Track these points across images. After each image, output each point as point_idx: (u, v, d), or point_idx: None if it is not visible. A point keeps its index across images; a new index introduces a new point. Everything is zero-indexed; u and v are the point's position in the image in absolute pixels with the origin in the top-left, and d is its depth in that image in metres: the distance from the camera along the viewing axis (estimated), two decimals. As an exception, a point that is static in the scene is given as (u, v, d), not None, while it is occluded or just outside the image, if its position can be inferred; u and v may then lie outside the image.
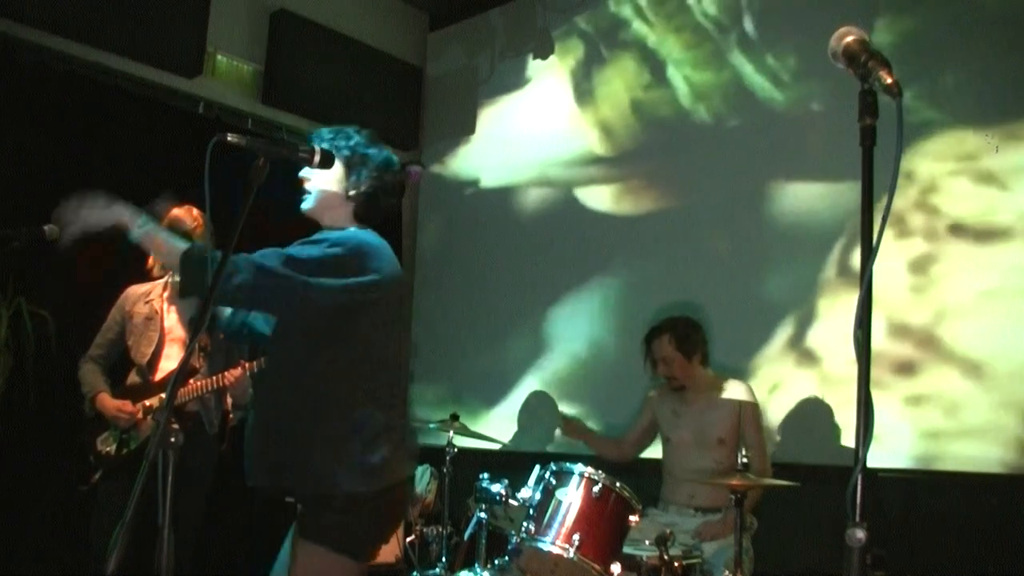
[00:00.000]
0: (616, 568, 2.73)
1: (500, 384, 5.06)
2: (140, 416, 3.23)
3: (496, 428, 4.73)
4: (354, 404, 2.05)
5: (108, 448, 3.24)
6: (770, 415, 3.92)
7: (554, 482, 2.82)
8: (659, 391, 3.69)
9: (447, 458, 3.99)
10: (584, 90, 5.05)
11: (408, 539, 4.23)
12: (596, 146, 4.94)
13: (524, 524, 2.81)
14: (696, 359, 3.51)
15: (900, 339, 3.64)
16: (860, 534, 1.20)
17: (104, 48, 4.27)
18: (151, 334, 3.31)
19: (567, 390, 4.79)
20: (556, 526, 2.73)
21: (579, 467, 2.83)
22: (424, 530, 4.25)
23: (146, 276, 3.42)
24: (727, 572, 2.95)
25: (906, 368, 3.60)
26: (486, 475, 3.06)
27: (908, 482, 3.53)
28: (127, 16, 4.25)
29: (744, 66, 4.41)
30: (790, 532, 3.49)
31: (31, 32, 4.05)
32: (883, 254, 3.71)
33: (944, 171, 3.61)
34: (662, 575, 2.83)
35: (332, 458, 2.01)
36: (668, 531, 2.87)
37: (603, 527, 2.74)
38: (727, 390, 3.51)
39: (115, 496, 3.10)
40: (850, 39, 1.37)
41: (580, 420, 4.05)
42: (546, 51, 5.28)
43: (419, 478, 4.73)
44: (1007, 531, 3.23)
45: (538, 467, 2.94)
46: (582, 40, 5.12)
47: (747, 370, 4.00)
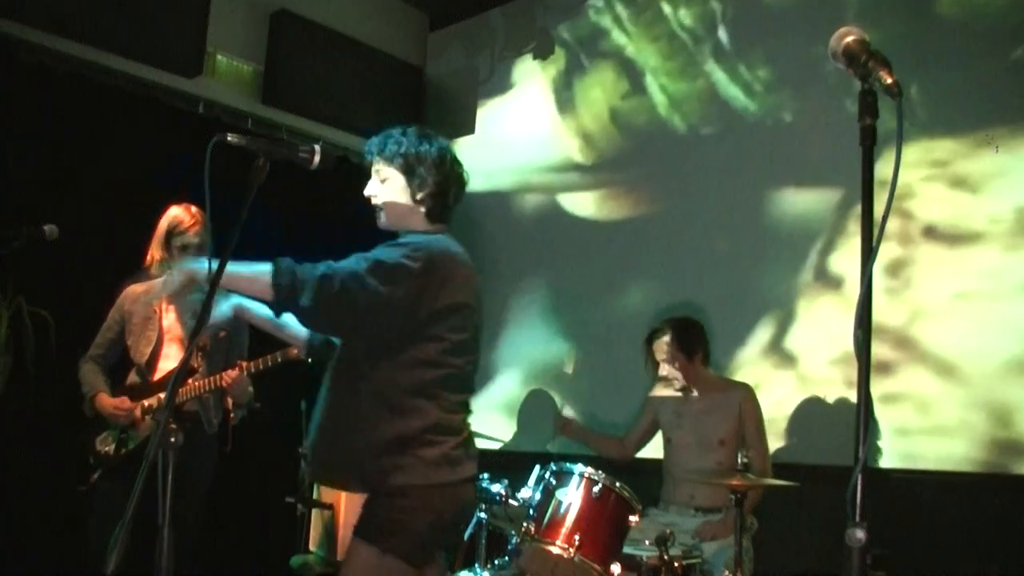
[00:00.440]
0: (616, 568, 2.73)
1: (499, 383, 5.06)
2: (138, 413, 3.23)
3: (496, 428, 4.73)
4: (417, 405, 2.03)
5: (107, 448, 3.24)
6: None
7: (554, 482, 2.82)
8: (660, 390, 3.69)
9: (447, 458, 3.99)
10: (565, 98, 5.15)
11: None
12: (576, 153, 5.04)
13: (524, 524, 2.80)
14: (698, 359, 3.51)
15: (876, 340, 3.61)
16: (860, 534, 1.20)
17: (104, 48, 4.27)
18: (150, 333, 3.31)
19: (564, 390, 4.80)
20: (556, 526, 2.73)
21: (579, 467, 2.83)
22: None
23: (145, 275, 3.42)
24: (727, 572, 2.95)
25: (881, 368, 3.64)
26: (486, 475, 3.05)
27: (908, 482, 3.54)
28: (127, 16, 4.25)
29: (718, 75, 4.50)
30: (790, 532, 3.49)
31: (31, 32, 4.05)
32: (857, 257, 3.72)
33: (918, 177, 3.66)
34: (662, 575, 2.83)
35: (393, 454, 1.99)
36: (668, 531, 2.87)
37: (603, 527, 2.74)
38: (728, 391, 3.50)
39: (114, 496, 3.09)
40: (850, 39, 1.37)
41: (576, 421, 4.05)
42: (546, 51, 5.29)
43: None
44: (1007, 531, 3.23)
45: (538, 467, 2.94)
46: (563, 49, 5.23)
47: (727, 372, 4.03)
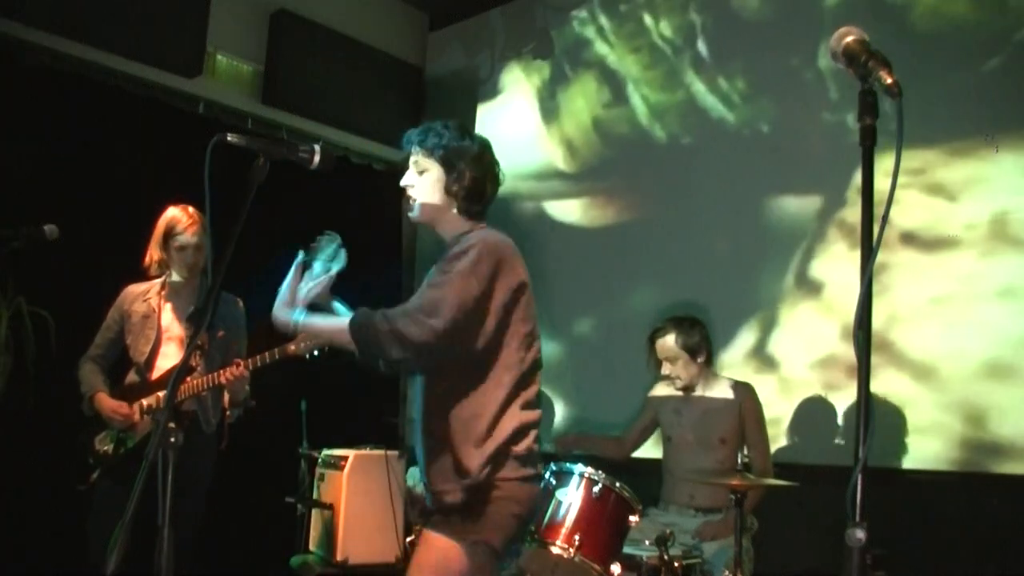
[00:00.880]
0: (616, 568, 2.73)
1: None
2: (136, 417, 3.23)
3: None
4: (509, 406, 2.10)
5: (106, 447, 3.24)
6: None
7: (554, 482, 2.82)
8: (661, 390, 3.69)
9: (447, 458, 3.99)
10: (549, 107, 5.23)
11: (408, 539, 4.23)
12: (560, 161, 5.11)
13: (524, 524, 2.80)
14: (700, 358, 3.51)
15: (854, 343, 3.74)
16: (860, 534, 1.20)
17: (104, 48, 4.27)
18: (148, 333, 3.31)
19: (562, 391, 4.81)
20: (556, 526, 2.73)
21: (579, 467, 2.83)
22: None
23: (144, 275, 3.42)
24: (727, 572, 2.95)
25: None
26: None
27: (908, 482, 3.54)
28: (127, 16, 4.25)
29: (697, 86, 4.59)
30: (790, 532, 3.48)
31: (31, 32, 4.05)
32: (839, 263, 3.86)
33: (895, 187, 3.67)
34: (662, 575, 2.83)
35: (481, 446, 2.06)
36: (668, 531, 2.87)
37: (603, 527, 2.74)
38: (729, 390, 3.50)
39: (112, 495, 3.10)
40: (850, 39, 1.37)
41: (572, 434, 4.05)
42: (546, 51, 5.29)
43: (419, 478, 4.73)
44: (1006, 531, 3.23)
45: (538, 467, 2.94)
46: (548, 61, 5.32)
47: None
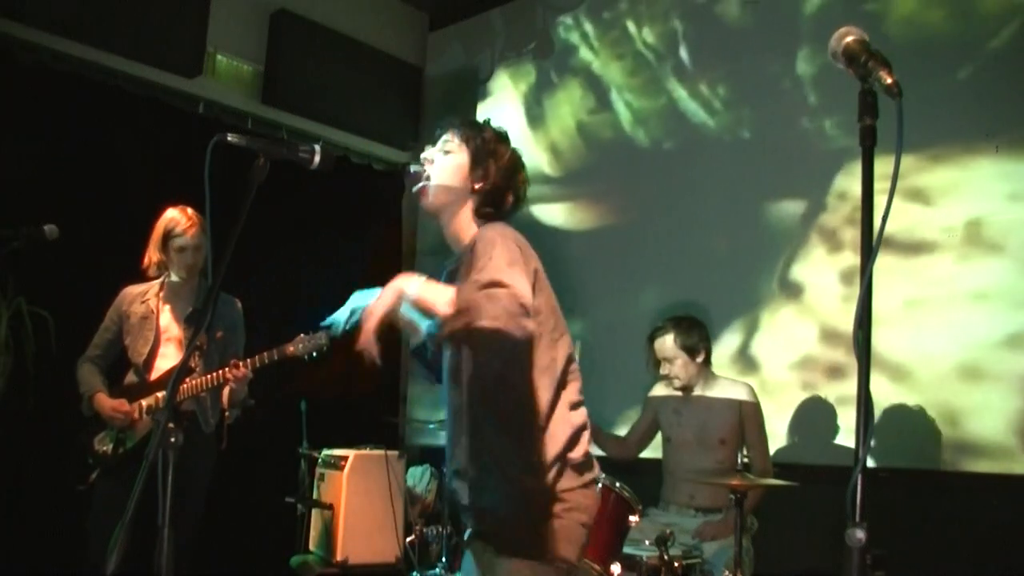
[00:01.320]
0: (616, 568, 2.73)
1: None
2: (136, 416, 3.23)
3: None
4: (560, 408, 1.93)
5: (105, 447, 3.24)
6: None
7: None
8: (660, 390, 3.69)
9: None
10: (535, 113, 5.30)
11: (408, 539, 4.23)
12: (545, 166, 5.17)
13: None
14: (700, 358, 3.51)
15: (832, 345, 3.89)
16: (860, 534, 1.20)
17: (104, 48, 4.28)
18: (147, 333, 3.31)
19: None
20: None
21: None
22: (424, 530, 4.26)
23: (143, 277, 3.42)
24: (727, 572, 2.95)
25: (837, 372, 3.84)
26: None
27: (908, 482, 3.54)
28: (127, 16, 4.25)
29: (679, 92, 4.67)
30: (790, 532, 3.49)
31: (31, 32, 4.05)
32: (817, 266, 3.89)
33: (874, 190, 3.71)
34: (662, 575, 2.83)
35: (538, 460, 1.89)
36: (668, 531, 2.87)
37: (603, 527, 2.73)
38: (729, 390, 3.50)
39: (112, 495, 3.10)
40: (850, 39, 1.36)
41: None
42: (546, 51, 5.29)
43: (419, 478, 4.73)
44: (1006, 531, 3.23)
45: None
46: (534, 66, 5.38)
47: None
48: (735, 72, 4.46)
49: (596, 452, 2.03)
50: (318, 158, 1.85)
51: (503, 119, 5.24)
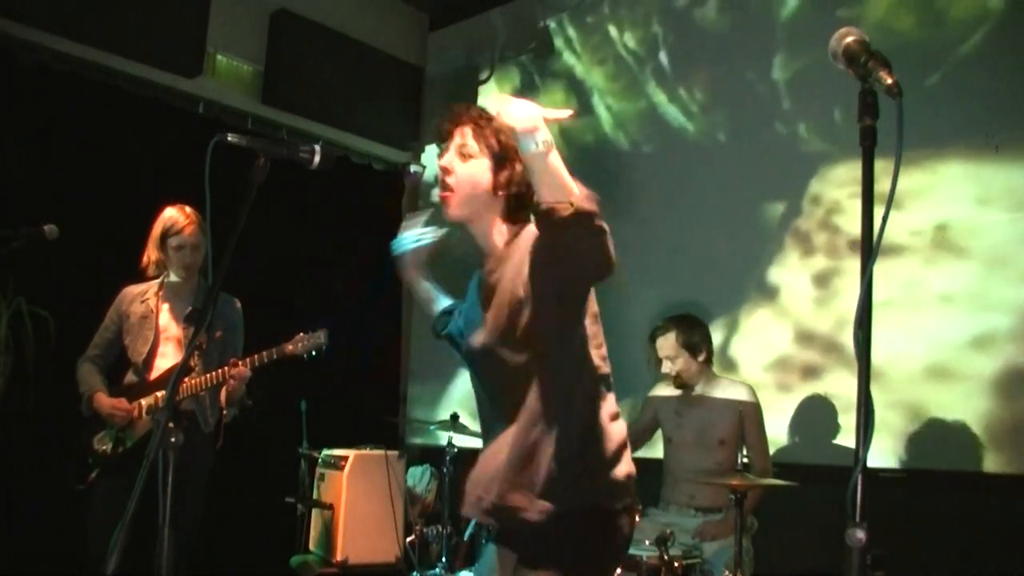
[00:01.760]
0: (616, 568, 2.73)
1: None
2: (135, 414, 3.23)
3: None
4: (597, 416, 1.84)
5: (104, 447, 3.24)
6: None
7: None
8: (661, 390, 3.69)
9: (447, 458, 3.99)
10: None
11: (408, 539, 4.23)
12: None
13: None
14: (701, 358, 3.50)
15: (806, 346, 3.96)
16: (860, 534, 1.20)
17: (104, 48, 4.28)
18: (147, 333, 3.31)
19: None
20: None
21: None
22: (424, 530, 4.25)
23: (142, 276, 3.42)
24: (727, 572, 2.95)
25: (811, 372, 3.94)
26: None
27: (909, 482, 3.54)
28: (127, 16, 4.25)
29: (659, 97, 4.74)
30: (790, 532, 3.49)
31: (31, 32, 4.05)
32: (790, 270, 3.91)
33: (844, 195, 3.93)
34: (662, 575, 2.83)
35: (588, 474, 1.80)
36: (668, 531, 2.87)
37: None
38: (729, 390, 3.50)
39: (111, 494, 3.10)
40: (850, 39, 1.36)
41: None
42: (546, 51, 5.29)
43: (419, 478, 4.73)
44: (1006, 531, 3.24)
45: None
46: (518, 69, 5.41)
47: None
48: (712, 77, 4.53)
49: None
50: (318, 158, 1.85)
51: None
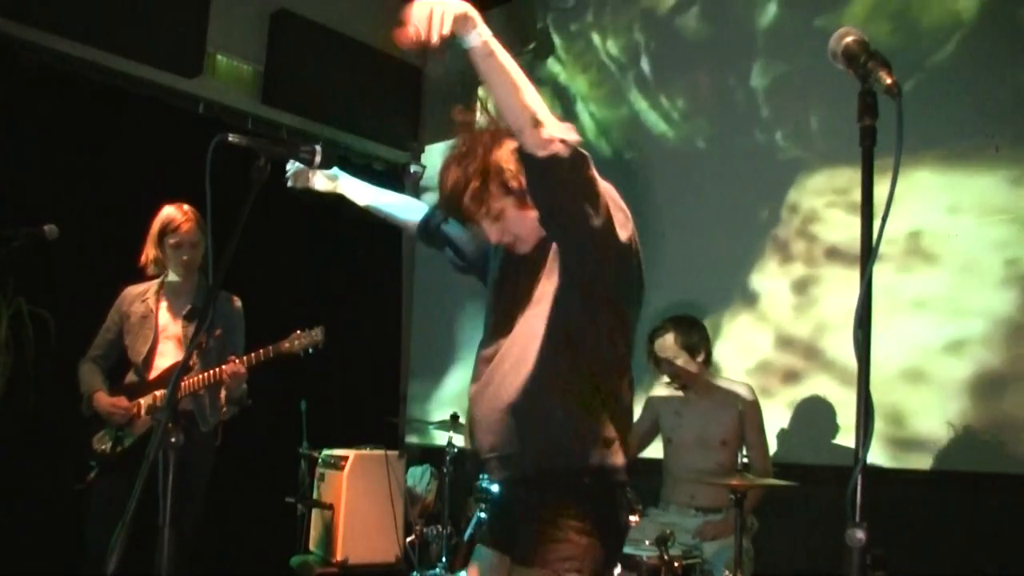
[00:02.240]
0: (616, 568, 2.73)
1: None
2: (135, 412, 3.23)
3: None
4: (618, 385, 1.82)
5: (104, 447, 3.24)
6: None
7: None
8: (661, 390, 3.69)
9: (447, 458, 3.99)
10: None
11: (408, 539, 4.23)
12: None
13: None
14: (700, 358, 3.50)
15: (786, 351, 4.03)
16: (860, 534, 1.20)
17: (104, 48, 4.27)
18: (146, 332, 3.32)
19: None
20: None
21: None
22: (424, 530, 4.26)
23: (141, 274, 3.42)
24: (727, 572, 2.95)
25: (792, 376, 4.01)
26: (486, 475, 3.06)
27: (909, 482, 3.55)
28: (127, 16, 4.25)
29: (640, 104, 4.80)
30: (790, 532, 3.49)
31: (31, 32, 4.05)
32: (770, 276, 3.95)
33: (822, 203, 4.01)
34: (662, 575, 2.83)
35: (587, 437, 1.77)
36: (668, 531, 2.87)
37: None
38: (729, 390, 3.50)
39: (110, 493, 3.10)
40: (849, 39, 1.36)
41: None
42: (546, 51, 5.30)
43: (419, 478, 4.73)
44: (1006, 531, 3.24)
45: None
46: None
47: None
48: (693, 84, 4.59)
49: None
50: (318, 158, 1.86)
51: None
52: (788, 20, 4.22)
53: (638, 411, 3.80)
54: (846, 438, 3.79)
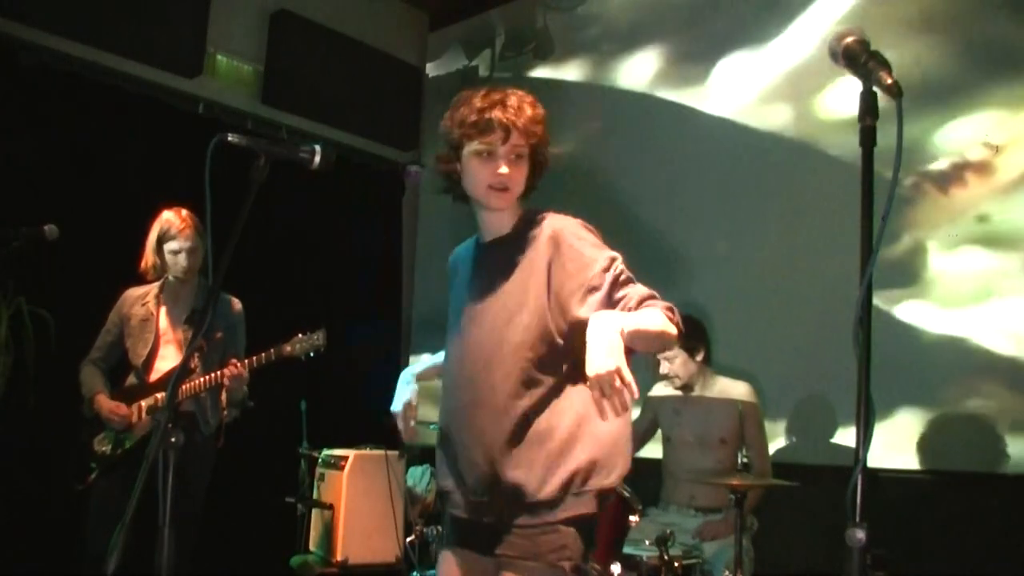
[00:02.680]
0: (616, 568, 2.73)
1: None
2: (134, 419, 3.24)
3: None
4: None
5: (104, 448, 3.25)
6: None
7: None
8: (660, 390, 3.69)
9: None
10: None
11: (408, 539, 4.23)
12: None
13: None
14: (699, 357, 3.50)
15: (786, 351, 4.04)
16: (860, 534, 1.20)
17: (104, 48, 4.28)
18: (147, 335, 3.32)
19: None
20: (556, 526, 2.72)
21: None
22: (424, 530, 4.25)
23: (142, 279, 3.42)
24: (727, 572, 2.95)
25: (792, 376, 3.98)
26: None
27: (908, 482, 3.54)
28: (127, 16, 4.26)
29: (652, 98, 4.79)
30: (790, 532, 3.49)
31: (31, 32, 4.05)
32: (770, 276, 3.83)
33: (822, 201, 3.95)
34: (662, 575, 2.83)
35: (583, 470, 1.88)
36: (668, 531, 2.87)
37: (603, 527, 2.73)
38: (728, 390, 3.50)
39: (111, 495, 3.11)
40: (850, 39, 1.36)
41: None
42: (546, 51, 5.29)
43: (419, 478, 4.73)
44: (1006, 531, 3.24)
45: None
46: (518, 69, 5.43)
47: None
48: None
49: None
50: (318, 158, 1.85)
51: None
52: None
53: (638, 411, 3.83)
54: (846, 438, 3.79)
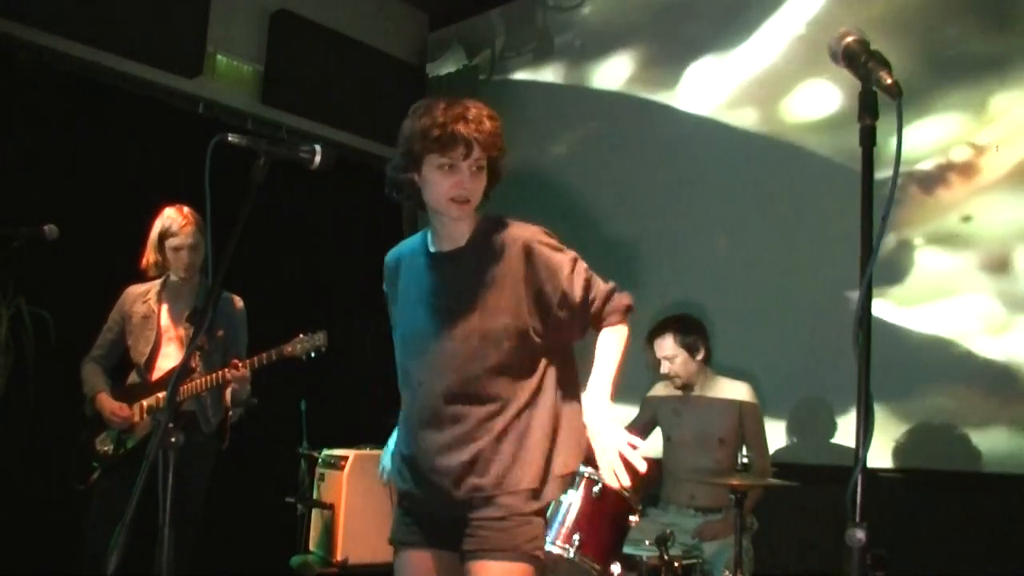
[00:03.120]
0: (616, 568, 2.73)
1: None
2: (135, 419, 3.24)
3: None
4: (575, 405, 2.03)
5: (106, 448, 3.25)
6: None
7: (554, 482, 2.81)
8: (660, 390, 3.68)
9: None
10: None
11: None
12: None
13: (524, 524, 2.79)
14: (699, 357, 3.50)
15: (786, 350, 4.08)
16: (860, 534, 1.20)
17: (104, 48, 4.28)
18: (148, 333, 3.31)
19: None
20: (556, 526, 2.72)
21: (579, 467, 2.82)
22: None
23: (143, 277, 3.42)
24: (727, 572, 2.95)
25: (791, 376, 4.02)
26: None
27: (908, 482, 3.54)
28: (127, 16, 4.26)
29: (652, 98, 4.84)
30: (790, 532, 3.49)
31: (31, 32, 4.05)
32: (771, 275, 3.81)
33: (822, 199, 3.98)
34: (662, 575, 2.83)
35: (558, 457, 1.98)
36: (668, 531, 2.87)
37: (603, 527, 2.73)
38: (728, 390, 3.50)
39: (112, 494, 3.11)
40: (850, 39, 1.36)
41: None
42: (546, 51, 5.29)
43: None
44: (1006, 531, 3.24)
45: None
46: (519, 69, 5.45)
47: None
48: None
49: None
50: (318, 158, 1.85)
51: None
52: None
53: (637, 411, 3.83)
54: (846, 438, 3.79)
